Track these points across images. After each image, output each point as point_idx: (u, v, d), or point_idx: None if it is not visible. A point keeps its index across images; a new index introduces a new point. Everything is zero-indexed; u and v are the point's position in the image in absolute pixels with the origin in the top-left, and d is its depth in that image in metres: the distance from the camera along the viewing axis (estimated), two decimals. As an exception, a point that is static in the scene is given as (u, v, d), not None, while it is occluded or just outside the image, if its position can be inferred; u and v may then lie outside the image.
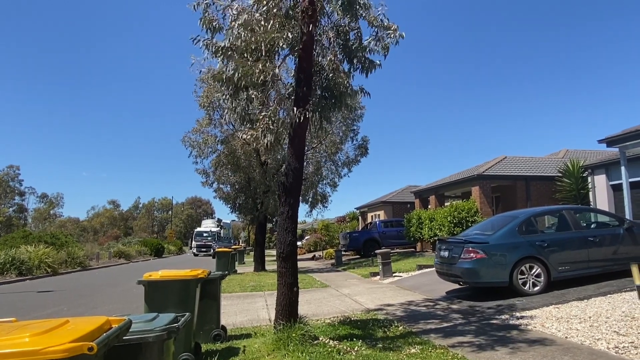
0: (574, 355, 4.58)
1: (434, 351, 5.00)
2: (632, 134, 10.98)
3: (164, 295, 5.00)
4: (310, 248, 37.32)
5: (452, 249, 8.71)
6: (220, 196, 20.62)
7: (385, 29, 5.84)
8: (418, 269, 13.79)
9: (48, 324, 1.89)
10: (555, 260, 8.10)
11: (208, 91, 17.28)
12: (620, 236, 8.58)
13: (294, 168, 5.83)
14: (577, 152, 22.82)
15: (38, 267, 19.57)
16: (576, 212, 9.38)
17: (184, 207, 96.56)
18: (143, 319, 2.75)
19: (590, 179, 15.81)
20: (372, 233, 24.42)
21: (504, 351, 4.91)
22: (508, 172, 19.32)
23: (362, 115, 19.47)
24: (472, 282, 8.38)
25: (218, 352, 5.25)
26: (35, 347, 1.64)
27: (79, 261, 23.92)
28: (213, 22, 5.65)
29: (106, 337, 1.87)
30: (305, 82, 5.80)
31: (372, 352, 5.06)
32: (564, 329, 5.62)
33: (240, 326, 7.25)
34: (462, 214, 17.15)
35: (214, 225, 47.62)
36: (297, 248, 6.18)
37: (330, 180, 20.92)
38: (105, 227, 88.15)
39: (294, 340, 5.23)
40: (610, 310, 6.26)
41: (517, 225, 8.48)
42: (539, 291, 7.93)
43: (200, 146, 18.94)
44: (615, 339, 4.96)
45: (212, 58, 5.66)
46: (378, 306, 8.52)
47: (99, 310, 9.60)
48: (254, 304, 9.59)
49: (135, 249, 37.46)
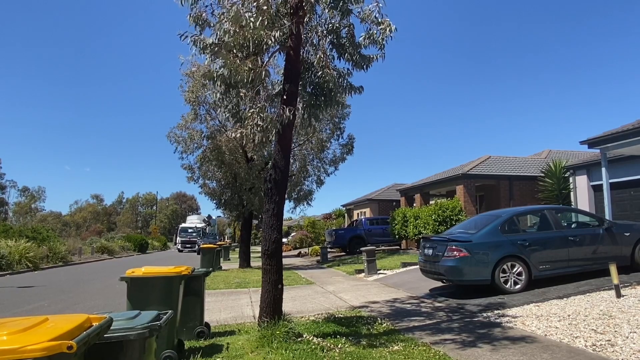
0: (553, 352, 4.67)
1: (416, 348, 5.05)
2: (613, 136, 11.20)
3: (147, 292, 4.95)
4: (296, 245, 37.34)
5: (436, 247, 8.79)
6: (206, 192, 20.50)
7: (378, 25, 5.84)
8: (402, 267, 13.89)
9: (27, 322, 1.86)
10: (536, 259, 8.24)
11: (194, 86, 17.14)
12: (599, 236, 8.75)
13: (280, 165, 5.81)
14: (560, 152, 23.23)
15: (19, 262, 19.21)
16: (557, 212, 9.54)
17: (168, 203, 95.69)
18: (124, 317, 2.73)
19: (572, 179, 16.10)
20: (357, 230, 24.52)
21: (486, 348, 4.99)
22: (492, 172, 19.57)
23: (348, 114, 19.51)
24: (455, 280, 8.47)
25: (201, 349, 5.23)
26: (13, 345, 1.61)
27: (61, 256, 23.54)
28: (201, 16, 5.60)
29: (86, 336, 1.85)
30: (294, 79, 5.79)
31: (355, 349, 5.09)
32: (544, 326, 5.72)
33: (224, 323, 7.22)
34: (446, 213, 17.33)
35: (199, 221, 47.23)
36: (282, 245, 6.17)
37: (316, 178, 20.95)
38: (88, 222, 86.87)
39: (277, 338, 5.24)
40: (588, 309, 6.40)
41: (499, 224, 8.60)
42: (520, 289, 8.05)
43: (185, 142, 18.81)
44: (593, 336, 5.07)
45: (200, 54, 5.60)
46: (362, 303, 8.57)
47: (81, 306, 9.46)
48: (239, 301, 9.56)
49: (119, 245, 37.03)
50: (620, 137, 10.98)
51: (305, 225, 37.44)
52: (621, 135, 10.94)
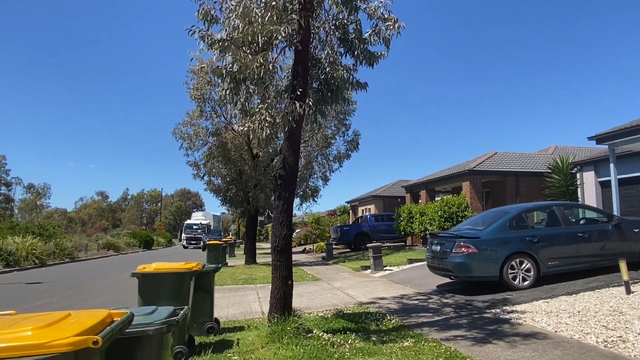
0: (564, 349, 4.66)
1: (427, 344, 5.05)
2: (621, 132, 11.12)
3: (158, 287, 4.98)
4: (300, 241, 37.34)
5: (443, 243, 8.78)
6: (211, 189, 20.54)
7: (385, 21, 5.82)
8: (409, 263, 13.88)
9: (50, 317, 1.87)
10: (544, 256, 8.21)
11: (199, 83, 17.13)
12: (608, 232, 8.71)
13: (289, 161, 5.81)
14: (566, 148, 23.10)
15: (26, 258, 19.36)
16: (566, 208, 9.49)
17: (173, 199, 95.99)
18: (142, 312, 2.74)
19: (579, 175, 16.00)
20: (362, 227, 24.51)
21: (496, 344, 4.98)
22: (498, 168, 19.47)
23: (354, 110, 19.47)
24: (463, 276, 8.46)
25: (212, 344, 5.24)
26: (39, 340, 1.62)
27: (67, 252, 23.71)
28: (210, 12, 5.58)
29: (110, 331, 1.86)
30: (303, 75, 5.77)
31: (365, 345, 5.10)
32: (553, 323, 5.71)
33: (233, 319, 7.25)
34: (452, 209, 17.28)
35: (204, 218, 47.39)
36: (291, 241, 6.18)
37: (322, 174, 20.94)
38: (93, 218, 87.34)
39: (288, 333, 5.25)
40: (598, 305, 6.37)
41: (508, 220, 8.57)
42: (529, 286, 8.04)
43: (191, 138, 18.84)
44: (604, 333, 5.06)
45: (208, 50, 5.59)
46: (370, 299, 8.58)
47: (90, 302, 9.52)
48: (246, 297, 9.59)
49: (124, 241, 37.18)
50: (629, 132, 10.90)
51: (310, 222, 37.36)
52: (629, 131, 10.87)
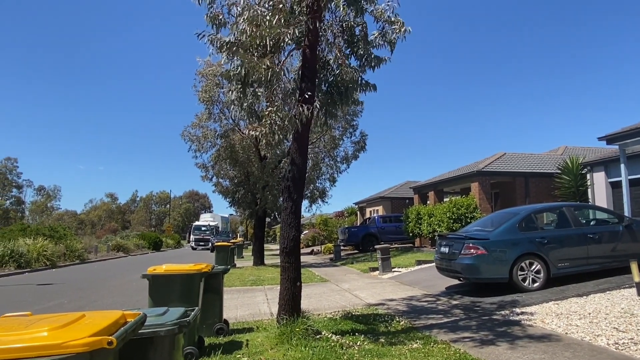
0: (575, 351, 4.63)
1: (436, 346, 5.04)
2: (632, 132, 11.02)
3: (168, 289, 5.02)
4: (308, 243, 37.36)
5: (452, 245, 8.75)
6: (219, 190, 20.68)
7: (391, 24, 5.83)
8: (417, 265, 13.84)
9: (65, 318, 1.90)
10: (554, 257, 8.15)
11: (207, 86, 17.26)
12: (619, 233, 8.63)
13: (298, 164, 5.83)
14: (576, 149, 22.89)
15: (37, 259, 19.58)
16: (576, 209, 9.41)
17: (181, 201, 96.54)
18: (154, 313, 2.77)
19: (589, 176, 15.87)
20: (370, 228, 24.48)
21: (506, 346, 4.96)
22: (507, 169, 19.36)
23: (361, 111, 19.48)
24: (473, 277, 8.42)
25: (221, 345, 5.27)
26: (55, 341, 1.65)
27: (78, 254, 23.93)
28: (218, 16, 5.63)
29: (124, 332, 1.89)
30: (311, 77, 5.80)
31: (374, 346, 5.10)
32: (564, 324, 5.67)
33: (242, 320, 7.28)
34: (461, 210, 17.20)
35: (212, 219, 47.62)
36: (300, 243, 6.20)
37: (329, 176, 20.98)
38: (103, 220, 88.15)
39: (297, 335, 5.27)
40: (609, 307, 6.32)
41: (517, 222, 8.52)
42: (539, 287, 7.98)
43: (199, 140, 18.97)
44: (615, 335, 5.01)
45: (216, 53, 5.65)
46: (379, 301, 8.57)
47: (100, 303, 9.61)
48: (255, 298, 9.62)
49: (134, 243, 37.46)
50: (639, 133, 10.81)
51: (318, 223, 37.42)
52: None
